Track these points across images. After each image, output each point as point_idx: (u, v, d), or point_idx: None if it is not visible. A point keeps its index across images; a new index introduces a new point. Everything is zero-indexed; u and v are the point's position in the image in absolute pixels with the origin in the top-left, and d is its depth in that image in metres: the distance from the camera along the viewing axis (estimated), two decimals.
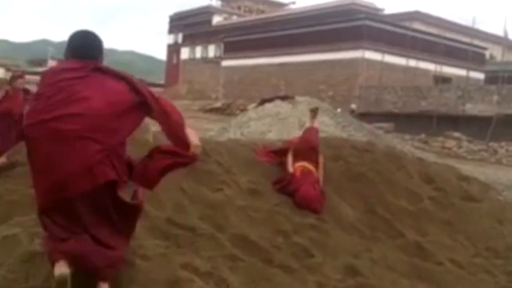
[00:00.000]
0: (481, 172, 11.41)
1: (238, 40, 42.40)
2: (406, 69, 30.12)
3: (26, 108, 2.35)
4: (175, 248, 3.24)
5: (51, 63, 71.78)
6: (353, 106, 24.95)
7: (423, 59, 31.31)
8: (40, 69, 57.77)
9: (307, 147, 4.99)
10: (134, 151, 4.38)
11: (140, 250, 2.97)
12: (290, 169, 4.82)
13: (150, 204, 3.66)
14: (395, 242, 4.36)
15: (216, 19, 55.42)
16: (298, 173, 4.73)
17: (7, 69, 69.91)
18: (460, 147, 19.38)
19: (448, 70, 32.02)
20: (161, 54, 75.05)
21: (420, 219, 4.82)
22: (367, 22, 31.11)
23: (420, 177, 5.68)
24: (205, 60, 52.79)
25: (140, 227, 3.33)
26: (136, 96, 2.36)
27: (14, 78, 6.52)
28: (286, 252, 3.71)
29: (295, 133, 9.03)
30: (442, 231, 4.74)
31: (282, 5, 62.95)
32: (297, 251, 3.78)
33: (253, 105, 13.91)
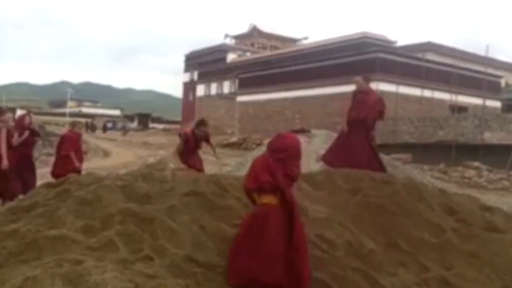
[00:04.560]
0: (504, 202, 11.15)
1: (252, 76, 43.01)
2: (421, 99, 30.10)
3: None
4: (194, 286, 3.21)
5: (71, 104, 73.57)
6: None
7: (438, 89, 31.26)
8: (60, 110, 59.23)
9: None
10: (153, 188, 4.43)
11: None
12: None
13: (169, 241, 3.66)
14: (420, 276, 4.25)
15: (231, 57, 56.54)
16: None
17: (28, 110, 71.89)
18: (480, 176, 19.03)
19: (464, 99, 31.86)
20: (178, 92, 76.43)
21: (444, 252, 4.70)
22: (380, 55, 31.34)
23: (442, 208, 5.57)
24: (220, 96, 53.60)
25: (159, 265, 3.32)
26: None
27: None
28: None
29: (312, 167, 8.99)
30: (467, 264, 4.61)
31: (294, 40, 64.08)
32: (319, 287, 3.70)
33: (269, 139, 13.99)
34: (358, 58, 32.27)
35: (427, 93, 30.90)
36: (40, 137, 9.60)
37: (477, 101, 30.92)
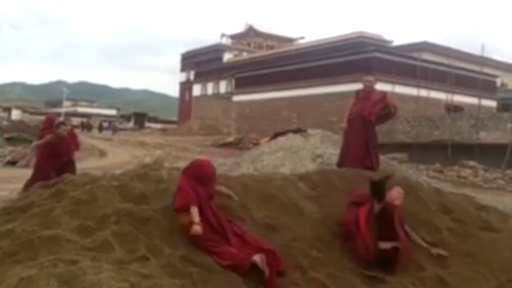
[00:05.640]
0: (499, 201, 11.19)
1: (248, 75, 43.01)
2: (417, 99, 30.15)
3: None
4: (190, 286, 3.20)
5: (67, 104, 73.26)
6: None
7: (434, 89, 31.34)
8: (56, 110, 59.09)
9: None
10: (149, 188, 4.41)
11: None
12: None
13: (164, 241, 3.65)
14: (415, 276, 4.26)
15: (227, 56, 56.50)
16: None
17: (24, 110, 71.60)
18: (476, 175, 19.10)
19: (460, 98, 31.97)
20: (174, 91, 76.40)
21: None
22: (376, 54, 31.44)
23: (438, 207, 5.58)
24: (216, 96, 53.56)
25: (154, 265, 3.31)
26: None
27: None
28: None
29: (308, 166, 9.00)
30: (462, 263, 4.62)
31: (291, 40, 64.10)
32: (315, 286, 3.71)
33: (266, 139, 13.94)
34: (354, 57, 32.35)
35: (423, 92, 30.97)
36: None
37: (472, 100, 31.03)
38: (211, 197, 4.04)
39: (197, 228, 3.66)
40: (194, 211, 3.74)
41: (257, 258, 3.54)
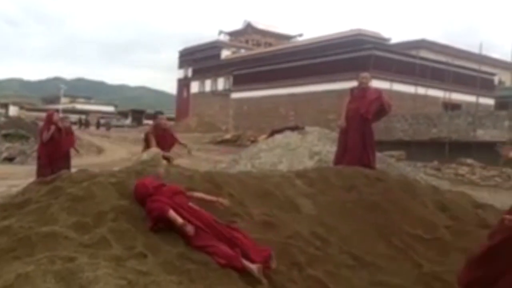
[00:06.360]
0: (497, 199, 11.21)
1: (246, 72, 42.95)
2: (415, 96, 30.18)
3: None
4: (188, 283, 3.20)
5: (64, 100, 73.05)
6: None
7: (432, 87, 31.35)
8: (53, 106, 58.98)
9: None
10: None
11: (153, 286, 2.93)
12: None
13: (162, 239, 3.65)
14: (412, 273, 4.27)
15: (225, 53, 56.42)
16: None
17: (21, 107, 71.41)
18: (473, 173, 19.12)
19: (457, 96, 31.98)
20: (171, 88, 76.39)
21: (436, 249, 4.73)
22: (374, 52, 31.41)
23: (435, 205, 5.60)
24: (214, 93, 53.51)
25: (152, 262, 3.31)
26: None
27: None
28: (302, 285, 3.65)
29: (306, 164, 9.01)
30: (460, 261, 4.63)
31: (289, 37, 64.04)
32: (312, 284, 3.71)
33: (263, 136, 13.91)
34: (353, 55, 32.33)
35: (421, 90, 30.99)
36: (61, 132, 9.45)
37: (470, 98, 31.04)
38: (177, 193, 3.94)
39: (189, 228, 3.61)
40: (173, 214, 3.66)
41: (254, 267, 3.49)
